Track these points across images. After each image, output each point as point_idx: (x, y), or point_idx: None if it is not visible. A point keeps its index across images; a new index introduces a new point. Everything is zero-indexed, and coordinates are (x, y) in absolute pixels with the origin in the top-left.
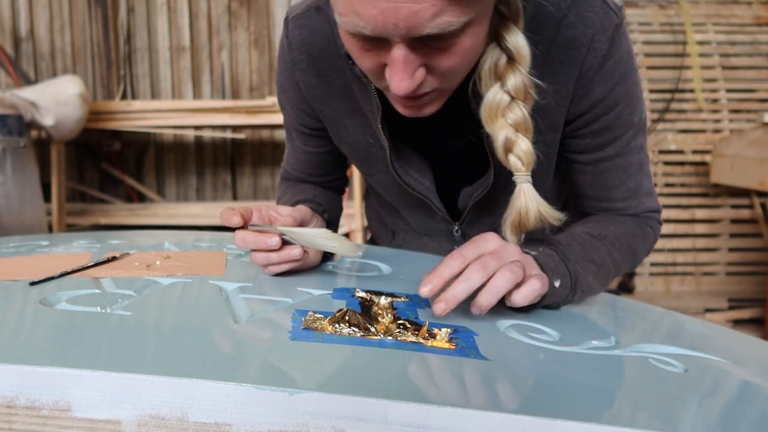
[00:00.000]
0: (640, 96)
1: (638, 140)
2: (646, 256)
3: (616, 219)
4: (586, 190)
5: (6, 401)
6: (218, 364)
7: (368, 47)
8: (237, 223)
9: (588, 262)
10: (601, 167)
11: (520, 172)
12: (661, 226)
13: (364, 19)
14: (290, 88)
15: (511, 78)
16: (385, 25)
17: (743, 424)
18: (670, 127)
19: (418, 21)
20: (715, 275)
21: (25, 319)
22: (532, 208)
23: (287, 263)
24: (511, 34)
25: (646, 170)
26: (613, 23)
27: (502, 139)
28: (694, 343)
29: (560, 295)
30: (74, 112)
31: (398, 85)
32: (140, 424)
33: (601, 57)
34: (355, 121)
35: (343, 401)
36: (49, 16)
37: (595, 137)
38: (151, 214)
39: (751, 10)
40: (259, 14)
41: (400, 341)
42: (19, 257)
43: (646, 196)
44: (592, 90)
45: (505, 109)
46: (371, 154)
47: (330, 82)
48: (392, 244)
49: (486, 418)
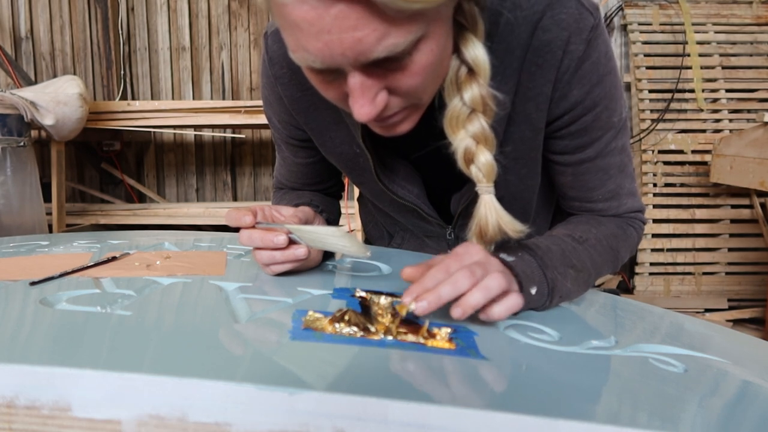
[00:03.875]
0: (619, 97)
1: (618, 141)
2: (630, 256)
3: (598, 220)
4: (568, 191)
5: (6, 401)
6: (218, 364)
7: (327, 79)
8: (250, 222)
9: (567, 268)
10: (581, 169)
11: (481, 183)
12: (645, 225)
13: (312, 54)
14: (275, 102)
15: (469, 90)
16: (332, 57)
17: (743, 424)
18: (670, 127)
19: (364, 48)
20: (715, 275)
21: (25, 319)
22: (491, 220)
23: (291, 263)
24: (469, 46)
25: (628, 171)
26: (588, 24)
27: (462, 150)
28: (694, 343)
29: (536, 302)
30: (74, 112)
31: (360, 112)
32: (140, 424)
33: (577, 59)
34: (341, 132)
35: (343, 401)
36: (48, 16)
37: (574, 139)
38: (151, 214)
39: (751, 10)
40: (259, 14)
41: (400, 341)
42: (19, 257)
43: (628, 197)
44: (569, 92)
45: (465, 121)
46: (358, 164)
47: (313, 95)
48: (392, 244)
49: (486, 418)
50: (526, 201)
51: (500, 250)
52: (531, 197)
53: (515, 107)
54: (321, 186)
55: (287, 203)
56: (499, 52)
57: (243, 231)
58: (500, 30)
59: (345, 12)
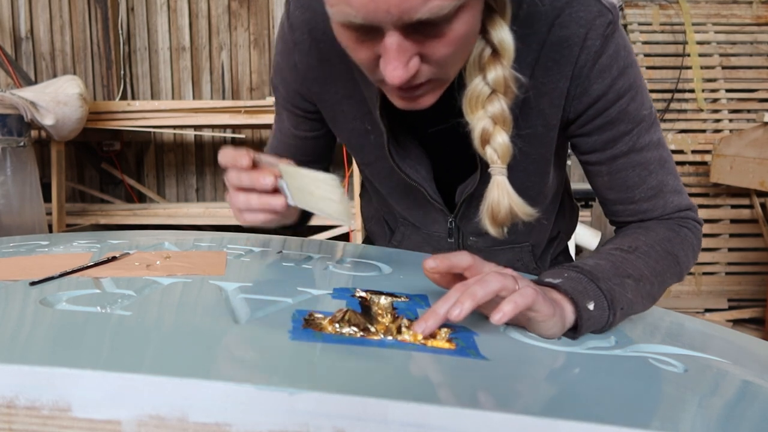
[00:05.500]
0: (645, 90)
1: (653, 135)
2: (694, 262)
3: (646, 227)
4: (607, 194)
5: (6, 401)
6: (218, 364)
7: (361, 38)
8: (246, 165)
9: (623, 278)
10: (616, 165)
11: (495, 164)
12: (702, 226)
13: (354, 7)
14: (287, 70)
15: (493, 71)
16: (376, 12)
17: (743, 424)
18: (670, 127)
19: (410, 5)
20: (715, 275)
21: (25, 319)
22: (503, 202)
23: (265, 213)
24: (496, 28)
25: (670, 168)
26: (606, 20)
27: (479, 130)
28: (694, 343)
29: (599, 319)
30: (74, 112)
31: (392, 74)
32: (140, 424)
33: (594, 53)
34: (353, 107)
35: (343, 401)
36: (48, 16)
37: (603, 133)
38: (151, 214)
39: (751, 10)
40: (259, 14)
41: (400, 341)
42: (19, 257)
43: (674, 194)
44: (590, 87)
45: (485, 101)
46: (369, 141)
47: (331, 66)
48: (392, 241)
49: (486, 418)
50: (530, 198)
51: (544, 276)
52: (536, 196)
53: (528, 101)
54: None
55: None
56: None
57: (231, 170)
58: (520, 20)
59: None
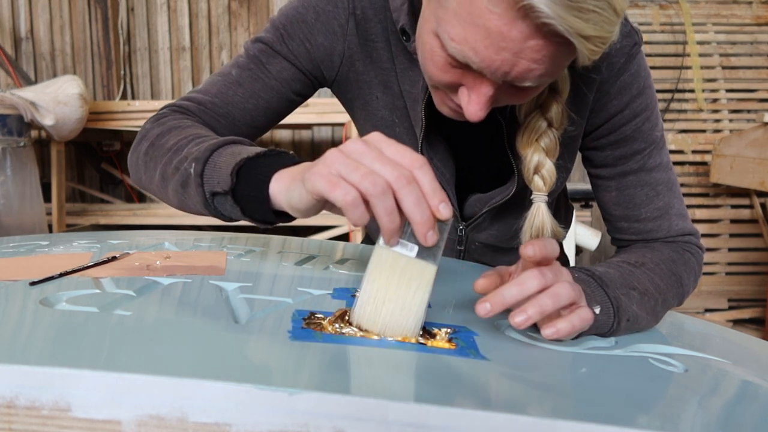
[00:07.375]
0: (658, 113)
1: (663, 158)
2: (694, 287)
3: (651, 246)
4: (614, 209)
5: (6, 401)
6: (218, 364)
7: (456, 66)
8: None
9: (629, 290)
10: (626, 182)
11: (540, 192)
12: (704, 252)
13: (478, 57)
14: (323, 30)
15: (554, 108)
16: (495, 70)
17: (743, 424)
18: (670, 127)
19: (525, 76)
20: (715, 275)
21: (25, 319)
22: (547, 226)
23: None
24: None
25: (676, 191)
26: (632, 41)
27: (535, 162)
28: (694, 343)
29: (602, 324)
30: (74, 112)
31: (474, 114)
32: (140, 424)
33: (617, 70)
34: (387, 97)
35: (343, 401)
36: (49, 16)
37: (615, 149)
38: (151, 214)
39: (751, 10)
40: (259, 14)
41: (400, 341)
42: (19, 257)
43: (678, 218)
44: (609, 102)
45: (542, 135)
46: (393, 133)
47: (374, 51)
48: None
49: (486, 418)
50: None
51: None
52: (551, 201)
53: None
54: (240, 134)
55: (213, 138)
56: None
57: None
58: None
59: (542, 46)
